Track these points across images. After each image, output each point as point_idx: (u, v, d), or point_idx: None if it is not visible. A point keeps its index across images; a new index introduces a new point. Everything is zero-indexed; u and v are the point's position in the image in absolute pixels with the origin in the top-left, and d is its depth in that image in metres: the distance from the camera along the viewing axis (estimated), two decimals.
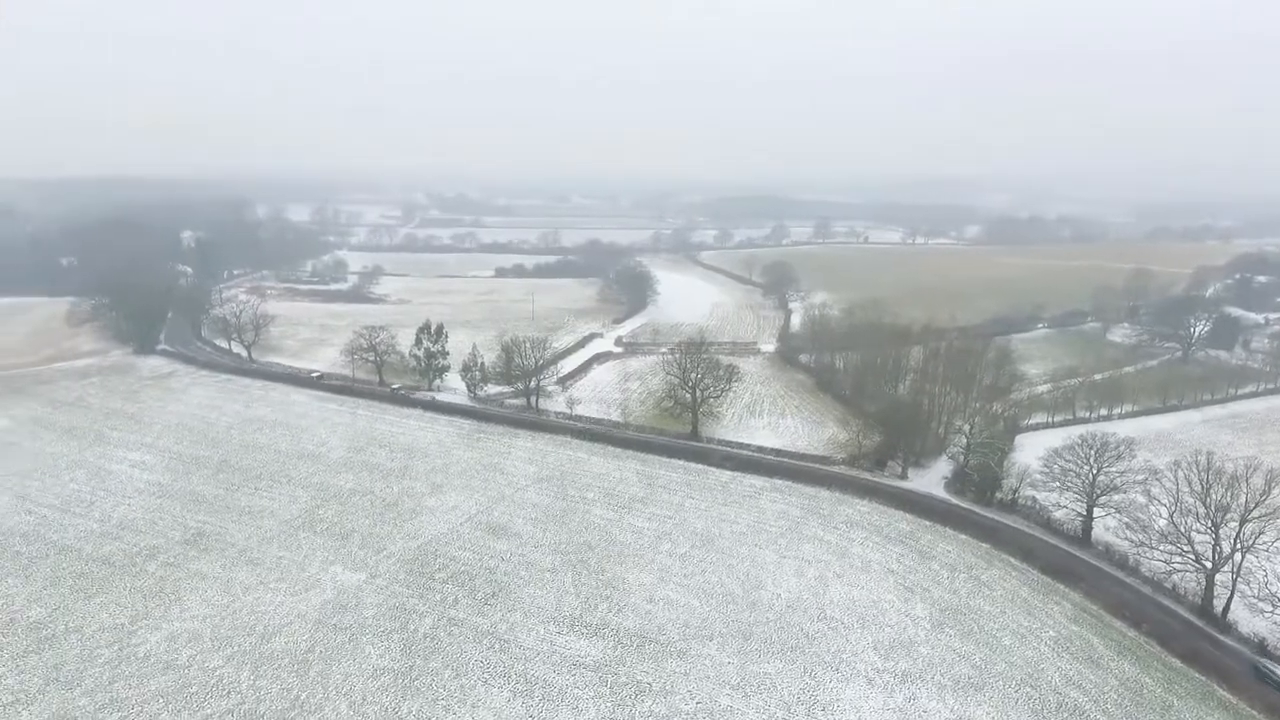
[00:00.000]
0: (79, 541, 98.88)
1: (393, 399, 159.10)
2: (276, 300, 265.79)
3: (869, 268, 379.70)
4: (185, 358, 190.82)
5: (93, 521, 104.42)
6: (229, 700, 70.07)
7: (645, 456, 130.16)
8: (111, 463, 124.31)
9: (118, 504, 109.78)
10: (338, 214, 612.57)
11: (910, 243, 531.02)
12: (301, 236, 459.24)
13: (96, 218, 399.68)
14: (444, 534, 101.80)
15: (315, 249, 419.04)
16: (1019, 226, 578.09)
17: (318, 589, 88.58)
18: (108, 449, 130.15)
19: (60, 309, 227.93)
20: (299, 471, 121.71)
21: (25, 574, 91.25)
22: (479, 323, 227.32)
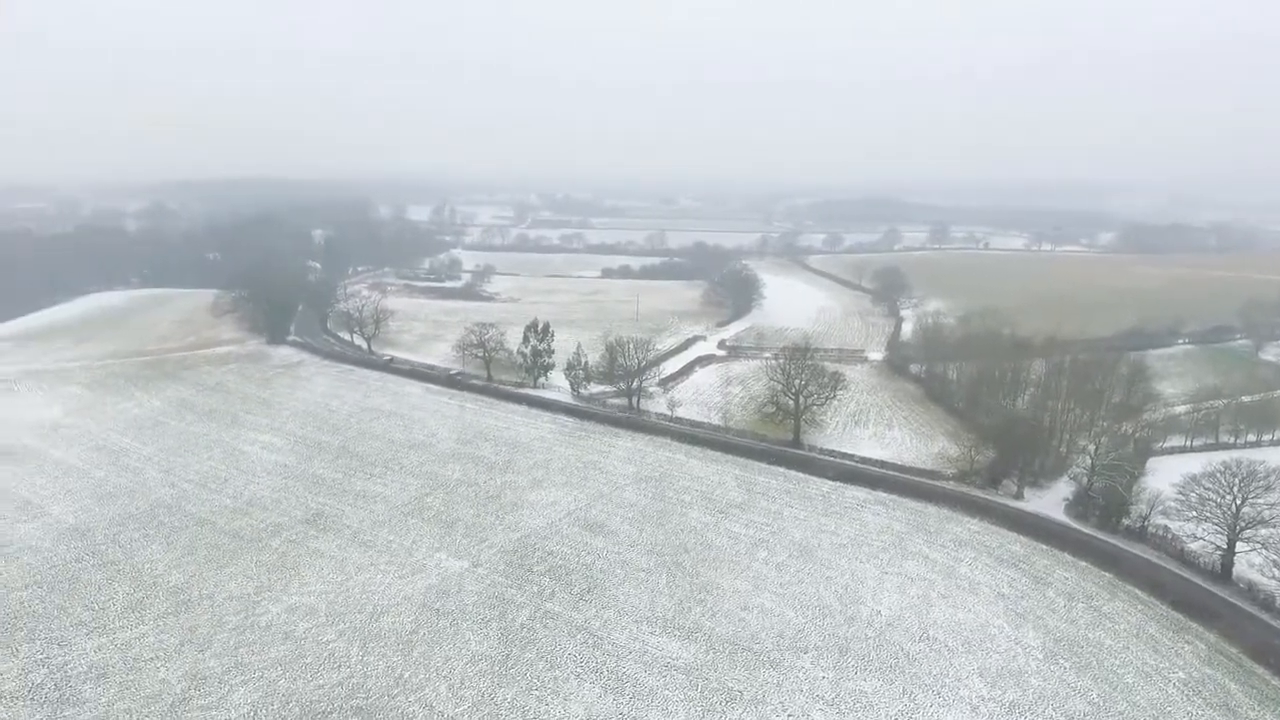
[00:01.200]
0: (214, 515, 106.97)
1: (499, 394, 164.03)
2: (395, 296, 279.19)
3: (988, 275, 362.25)
4: (312, 348, 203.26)
5: (226, 497, 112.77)
6: (339, 673, 74.02)
7: (745, 462, 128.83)
8: (244, 444, 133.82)
9: (249, 482, 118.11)
10: (454, 214, 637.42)
11: (1035, 249, 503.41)
12: (420, 235, 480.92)
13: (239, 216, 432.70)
14: (543, 528, 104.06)
15: (432, 247, 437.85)
16: (1159, 234, 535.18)
17: (423, 574, 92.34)
18: (241, 431, 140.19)
19: (205, 300, 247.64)
20: (410, 460, 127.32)
21: (168, 542, 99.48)
22: (584, 322, 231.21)
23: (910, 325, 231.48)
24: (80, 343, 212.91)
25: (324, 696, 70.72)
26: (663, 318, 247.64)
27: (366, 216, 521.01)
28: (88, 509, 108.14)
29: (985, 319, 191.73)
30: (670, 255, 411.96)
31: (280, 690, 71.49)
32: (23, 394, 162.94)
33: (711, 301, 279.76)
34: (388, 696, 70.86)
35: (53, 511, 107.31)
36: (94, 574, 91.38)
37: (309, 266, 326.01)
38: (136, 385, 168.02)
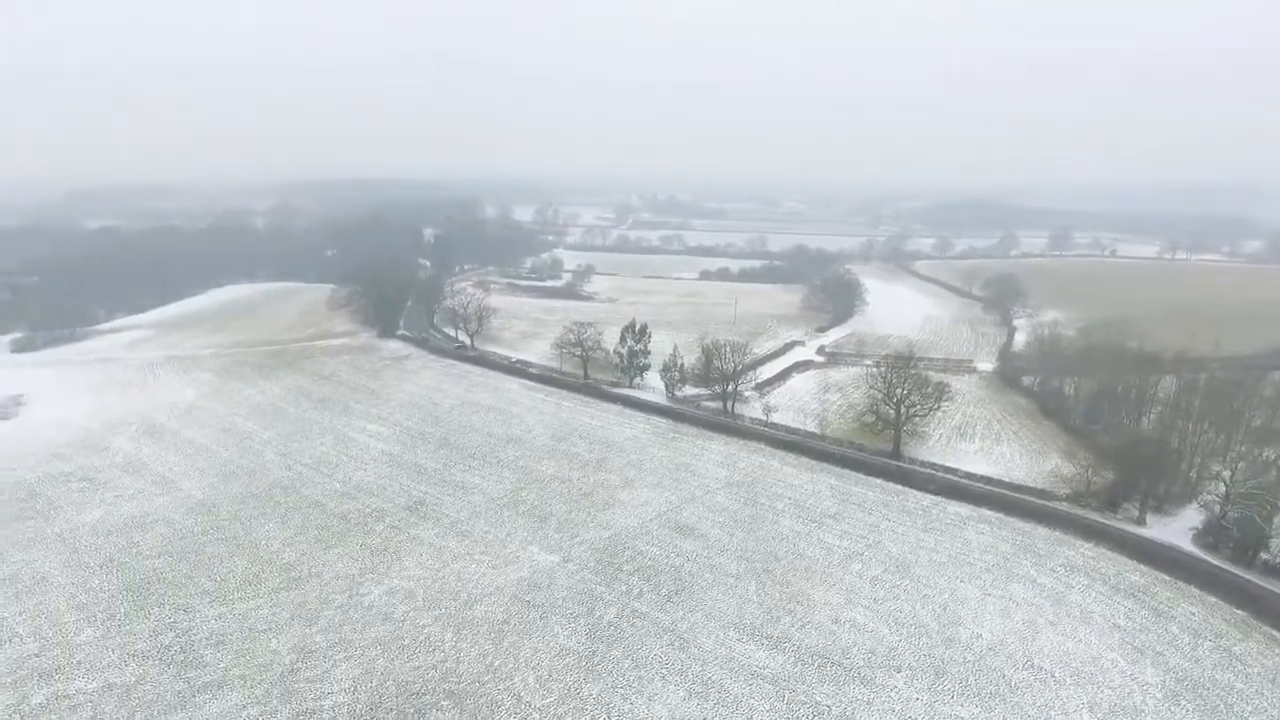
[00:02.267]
0: (324, 498, 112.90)
1: (595, 393, 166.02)
2: (498, 294, 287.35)
3: (1114, 284, 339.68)
4: (419, 342, 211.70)
5: (336, 481, 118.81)
6: (434, 656, 76.62)
7: (841, 471, 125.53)
8: (354, 432, 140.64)
9: (357, 468, 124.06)
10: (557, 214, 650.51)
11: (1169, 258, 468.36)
12: (524, 235, 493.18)
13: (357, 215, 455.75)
14: (633, 528, 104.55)
15: (535, 247, 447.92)
16: None
17: (516, 565, 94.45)
18: (352, 420, 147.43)
19: (323, 294, 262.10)
20: (507, 454, 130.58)
21: (283, 521, 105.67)
22: (681, 324, 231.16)
23: (1024, 335, 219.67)
24: (213, 331, 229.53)
25: (419, 678, 73.35)
26: (761, 321, 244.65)
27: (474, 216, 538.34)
28: (214, 486, 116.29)
29: (1109, 331, 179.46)
30: (770, 258, 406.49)
31: (379, 669, 74.65)
32: (163, 377, 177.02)
33: (811, 306, 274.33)
34: (478, 683, 72.80)
35: (184, 487, 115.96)
36: (217, 547, 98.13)
37: (419, 264, 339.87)
38: (260, 373, 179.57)
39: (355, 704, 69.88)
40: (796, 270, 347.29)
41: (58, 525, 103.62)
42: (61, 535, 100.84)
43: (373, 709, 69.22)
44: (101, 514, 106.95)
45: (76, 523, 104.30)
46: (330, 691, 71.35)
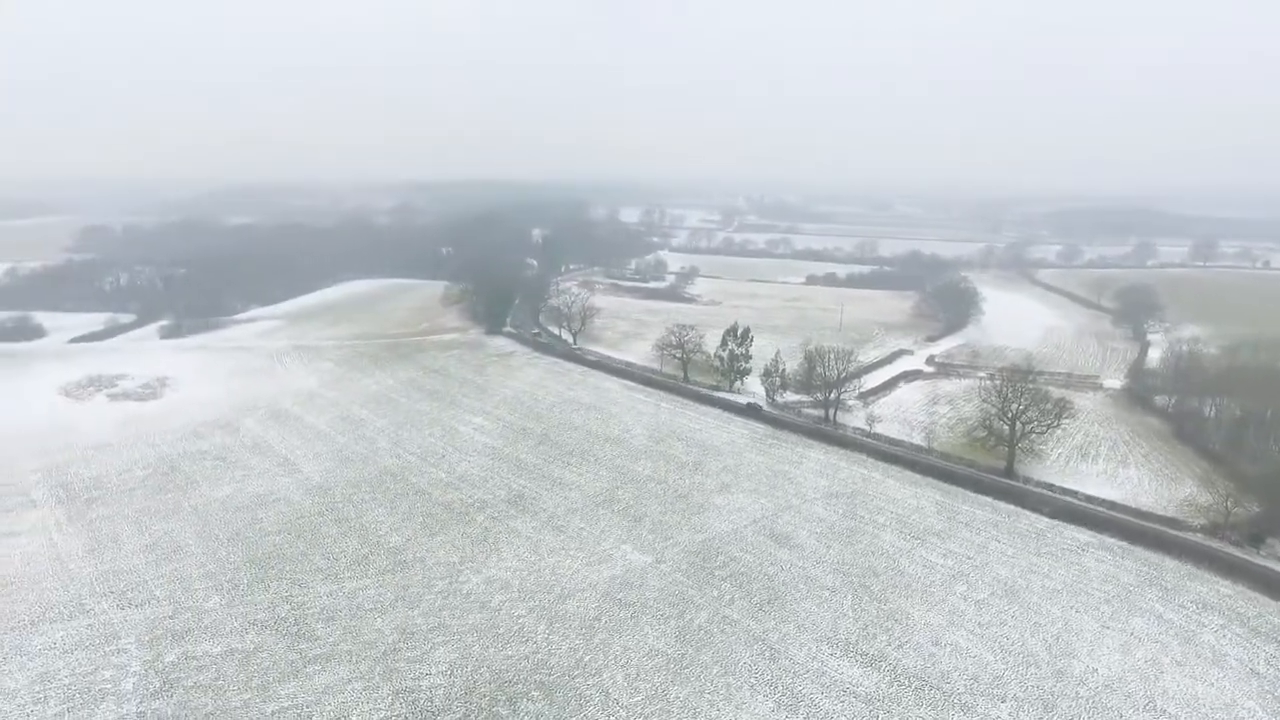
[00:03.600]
0: (430, 487, 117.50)
1: (693, 395, 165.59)
2: (602, 294, 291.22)
3: (1266, 299, 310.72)
4: (523, 339, 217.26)
5: (442, 471, 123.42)
6: (526, 647, 78.32)
7: (947, 487, 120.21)
8: (460, 424, 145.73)
9: (461, 459, 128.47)
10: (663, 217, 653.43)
11: None
12: (630, 237, 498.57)
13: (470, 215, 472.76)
14: (728, 533, 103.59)
15: (640, 249, 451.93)
16: None
17: (609, 563, 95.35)
18: (458, 413, 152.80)
19: (437, 290, 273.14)
20: (604, 453, 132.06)
21: (391, 506, 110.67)
22: (784, 329, 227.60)
23: (1159, 352, 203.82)
24: (335, 324, 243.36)
25: (512, 667, 75.15)
26: (867, 328, 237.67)
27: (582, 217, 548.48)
28: (330, 470, 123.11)
29: (1260, 350, 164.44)
30: (881, 264, 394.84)
31: (474, 655, 76.95)
32: (289, 365, 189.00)
33: (923, 314, 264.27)
34: (568, 676, 73.89)
35: (304, 469, 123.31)
36: (331, 528, 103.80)
37: (527, 263, 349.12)
38: (376, 364, 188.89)
39: (451, 687, 72.28)
40: (908, 276, 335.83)
41: (193, 499, 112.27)
42: (196, 508, 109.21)
43: (467, 693, 71.41)
44: (231, 490, 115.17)
45: (209, 497, 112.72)
46: (428, 673, 74.11)
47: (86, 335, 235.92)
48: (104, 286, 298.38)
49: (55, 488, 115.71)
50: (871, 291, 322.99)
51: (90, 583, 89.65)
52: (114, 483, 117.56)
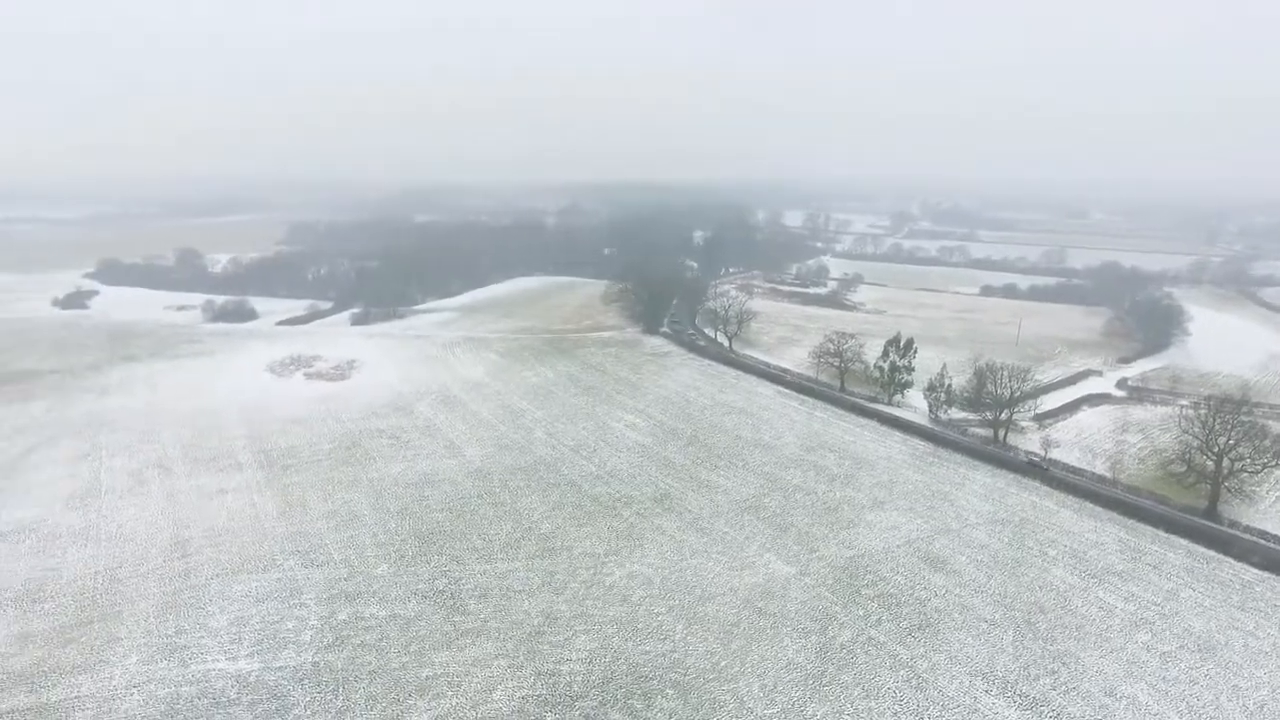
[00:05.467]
0: (580, 479, 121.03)
1: (849, 406, 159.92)
2: (760, 298, 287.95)
3: None
4: (679, 340, 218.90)
5: (592, 465, 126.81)
6: (664, 645, 78.83)
7: (1133, 524, 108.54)
8: (613, 420, 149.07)
9: (611, 455, 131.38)
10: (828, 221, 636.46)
11: None
12: (792, 241, 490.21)
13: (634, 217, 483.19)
14: (878, 550, 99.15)
15: (802, 253, 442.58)
16: None
17: (751, 570, 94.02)
18: (611, 409, 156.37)
19: (599, 289, 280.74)
20: (753, 458, 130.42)
21: (543, 495, 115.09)
22: (953, 341, 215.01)
23: None
24: (502, 317, 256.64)
25: (648, 662, 75.91)
26: (1048, 345, 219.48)
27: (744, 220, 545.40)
28: (491, 456, 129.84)
29: None
30: (1068, 275, 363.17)
31: (613, 646, 78.43)
32: (460, 355, 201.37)
33: (1115, 333, 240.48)
34: (703, 679, 73.60)
35: (467, 453, 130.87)
36: (487, 510, 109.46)
37: (687, 265, 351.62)
38: (538, 358, 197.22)
39: (590, 674, 74.08)
40: (1100, 290, 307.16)
41: (370, 473, 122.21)
42: (372, 482, 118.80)
43: (604, 683, 72.89)
44: (403, 468, 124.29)
45: (384, 473, 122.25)
46: (569, 659, 76.37)
47: (290, 319, 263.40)
48: (307, 276, 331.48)
49: (258, 453, 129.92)
50: (1056, 305, 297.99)
51: (281, 541, 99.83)
52: (305, 453, 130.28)
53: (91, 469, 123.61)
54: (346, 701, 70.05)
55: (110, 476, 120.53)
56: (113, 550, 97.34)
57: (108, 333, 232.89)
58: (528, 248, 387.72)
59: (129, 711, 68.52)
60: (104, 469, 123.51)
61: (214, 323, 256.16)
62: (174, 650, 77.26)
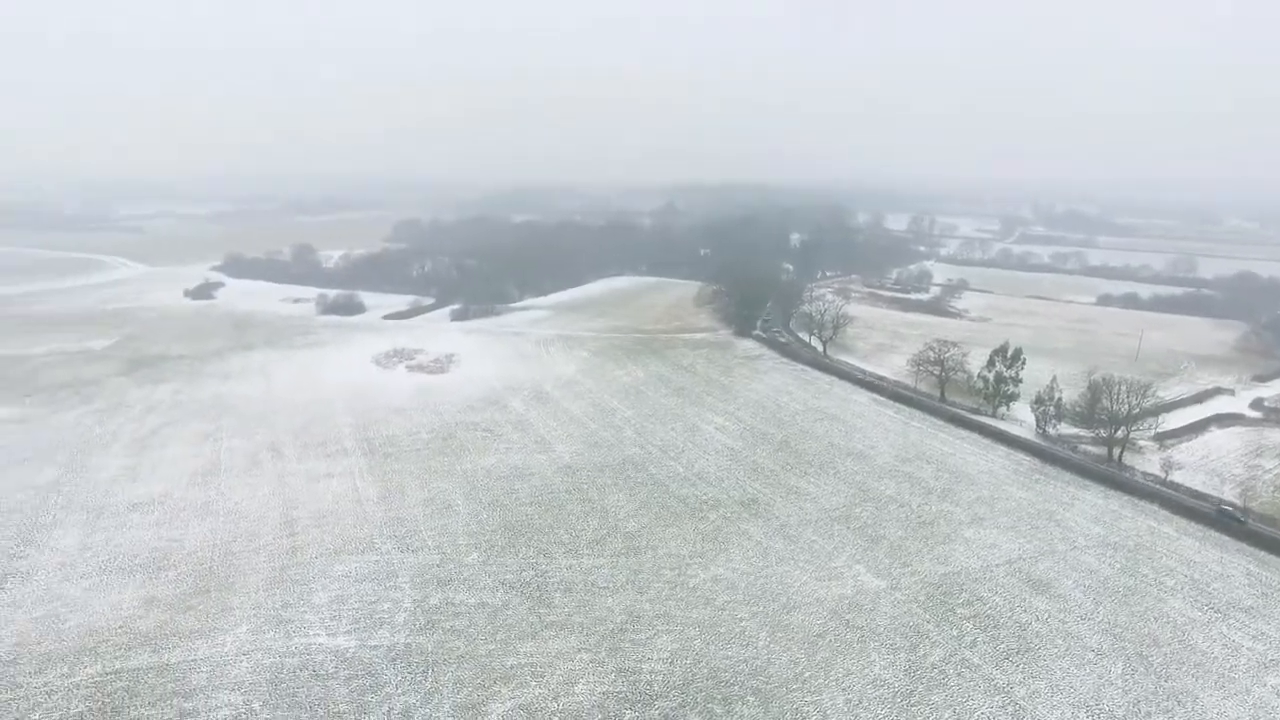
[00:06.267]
0: (668, 479, 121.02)
1: (949, 417, 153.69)
2: (857, 303, 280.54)
3: None
4: (772, 344, 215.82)
5: (680, 466, 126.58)
6: (746, 651, 77.79)
7: (1266, 557, 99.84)
8: (702, 422, 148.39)
9: (699, 457, 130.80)
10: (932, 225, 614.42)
11: None
12: (893, 244, 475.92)
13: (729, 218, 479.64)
14: (975, 569, 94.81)
15: (903, 258, 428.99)
16: None
17: (839, 581, 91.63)
18: (701, 411, 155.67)
19: (691, 290, 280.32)
20: (845, 467, 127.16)
21: (630, 493, 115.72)
22: (1064, 353, 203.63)
23: None
24: (595, 317, 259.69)
25: (729, 667, 75.07)
26: (1172, 360, 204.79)
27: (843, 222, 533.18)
28: (580, 453, 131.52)
29: None
30: (1197, 285, 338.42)
31: (694, 649, 77.99)
32: (553, 352, 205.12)
33: (1250, 348, 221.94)
34: (786, 689, 72.21)
35: (557, 449, 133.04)
36: (575, 506, 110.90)
37: (782, 268, 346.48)
38: (629, 357, 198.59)
39: (670, 675, 73.90)
40: (1235, 302, 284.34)
41: (465, 464, 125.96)
42: (465, 473, 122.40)
43: (685, 685, 72.54)
44: (495, 461, 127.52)
45: (477, 465, 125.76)
46: (650, 658, 76.41)
47: (395, 313, 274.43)
48: (412, 272, 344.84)
49: (361, 440, 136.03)
50: (1183, 318, 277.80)
51: (380, 525, 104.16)
52: (405, 442, 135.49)
53: (213, 449, 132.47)
54: (435, 683, 72.33)
55: (229, 457, 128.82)
56: (229, 526, 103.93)
57: (231, 322, 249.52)
58: (622, 248, 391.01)
59: (238, 677, 72.86)
60: (224, 449, 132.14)
61: (326, 315, 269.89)
62: (280, 623, 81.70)
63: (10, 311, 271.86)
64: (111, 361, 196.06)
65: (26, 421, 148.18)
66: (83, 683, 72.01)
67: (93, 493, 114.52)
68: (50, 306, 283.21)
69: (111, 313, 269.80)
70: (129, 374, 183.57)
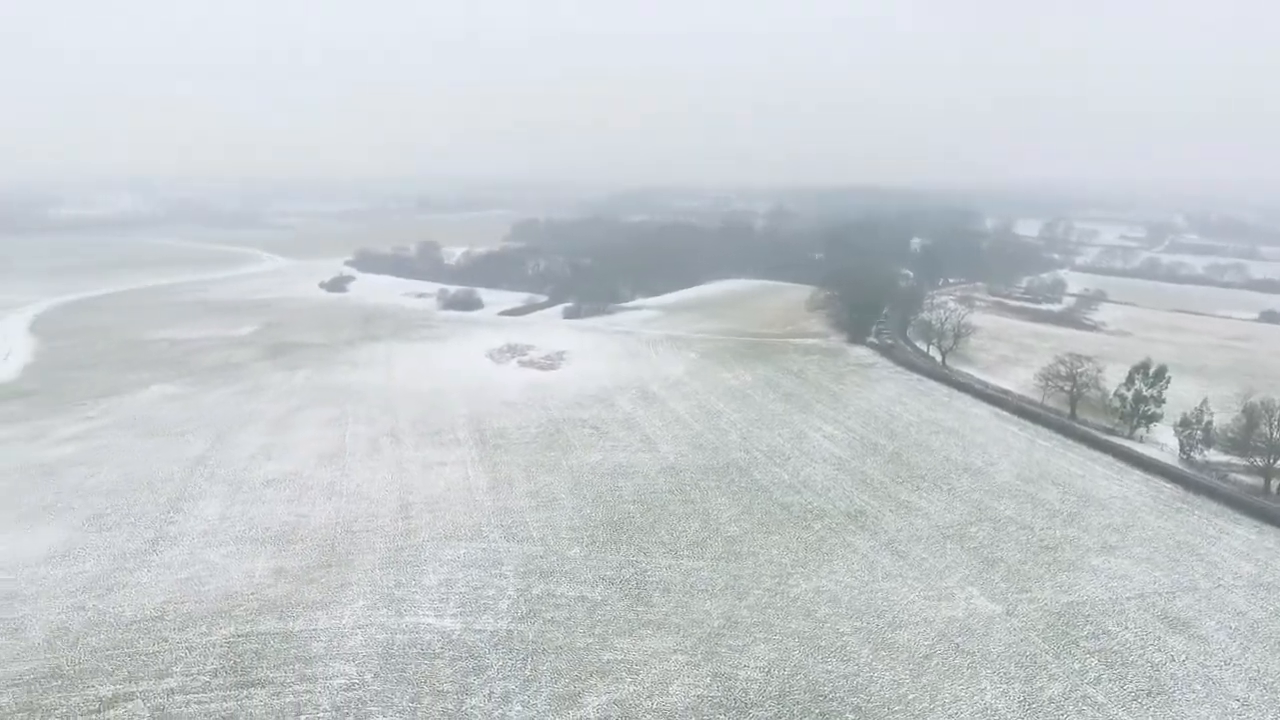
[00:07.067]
0: (772, 485, 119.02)
1: (1079, 436, 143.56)
2: (982, 312, 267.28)
3: None
4: (887, 352, 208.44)
5: (785, 473, 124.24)
6: (847, 666, 75.38)
7: None
8: (809, 429, 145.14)
9: (805, 464, 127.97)
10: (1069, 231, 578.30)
11: None
12: (1024, 251, 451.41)
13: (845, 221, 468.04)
14: (1102, 600, 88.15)
15: (1035, 265, 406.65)
16: None
17: (950, 603, 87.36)
18: (809, 417, 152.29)
19: (803, 294, 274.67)
20: (960, 483, 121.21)
21: (733, 497, 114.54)
22: (1216, 373, 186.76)
23: None
24: (705, 318, 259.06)
25: (829, 682, 72.95)
26: None
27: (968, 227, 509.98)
28: (684, 454, 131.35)
29: None
30: None
31: (793, 660, 76.26)
32: (661, 353, 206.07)
33: None
34: (888, 709, 69.47)
35: (661, 449, 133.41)
36: (677, 507, 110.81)
37: (901, 274, 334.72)
38: (737, 360, 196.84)
39: (767, 684, 72.55)
40: None
41: (570, 460, 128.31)
42: (571, 468, 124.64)
43: (781, 696, 71.04)
44: (600, 458, 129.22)
45: (582, 461, 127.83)
46: (746, 665, 75.29)
47: (510, 310, 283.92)
48: (527, 270, 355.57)
49: (474, 432, 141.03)
50: None
51: (488, 514, 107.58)
52: (514, 435, 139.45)
53: (339, 433, 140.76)
54: (534, 671, 73.94)
55: (353, 441, 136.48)
56: (350, 506, 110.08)
57: (360, 314, 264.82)
58: (734, 250, 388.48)
59: (353, 649, 76.98)
60: (348, 434, 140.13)
61: (446, 310, 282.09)
62: (392, 601, 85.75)
63: (177, 299, 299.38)
64: (255, 347, 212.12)
65: (182, 398, 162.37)
66: (217, 642, 77.95)
67: (233, 467, 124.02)
68: (208, 295, 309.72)
69: (258, 302, 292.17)
70: (270, 359, 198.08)
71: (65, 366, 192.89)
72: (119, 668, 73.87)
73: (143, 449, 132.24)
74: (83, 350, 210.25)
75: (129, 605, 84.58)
